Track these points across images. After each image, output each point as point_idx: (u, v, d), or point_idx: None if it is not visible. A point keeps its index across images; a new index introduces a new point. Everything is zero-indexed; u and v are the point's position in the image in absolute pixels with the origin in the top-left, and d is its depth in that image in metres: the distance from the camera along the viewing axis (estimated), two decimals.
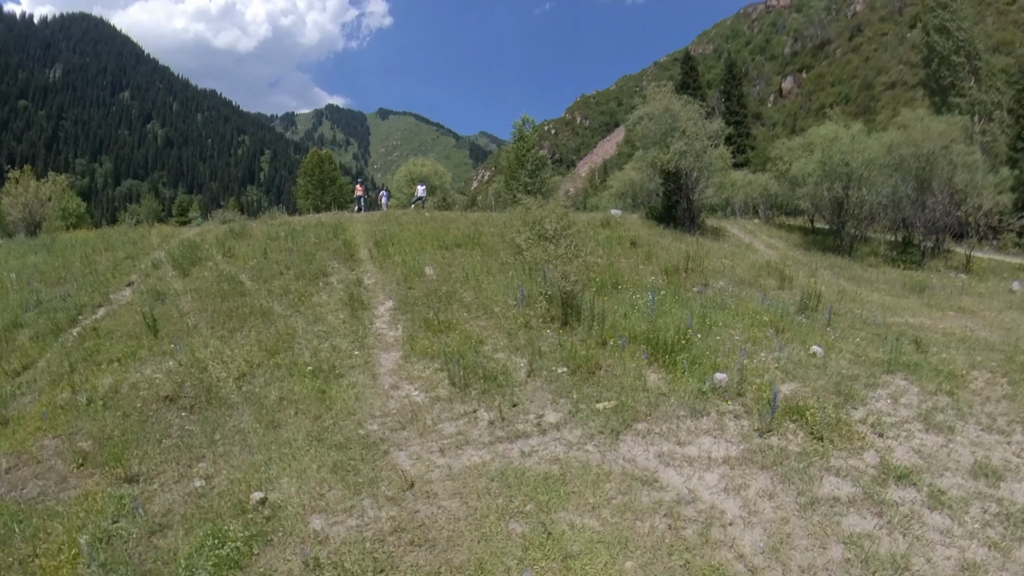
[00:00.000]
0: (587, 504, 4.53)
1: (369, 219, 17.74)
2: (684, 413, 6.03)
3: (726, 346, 7.77)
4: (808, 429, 5.65)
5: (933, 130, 21.82)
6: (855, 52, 76.46)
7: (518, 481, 4.85)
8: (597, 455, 5.33)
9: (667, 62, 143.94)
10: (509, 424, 5.84)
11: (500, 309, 9.27)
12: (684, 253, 14.05)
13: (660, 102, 23.27)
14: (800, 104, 78.50)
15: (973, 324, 11.00)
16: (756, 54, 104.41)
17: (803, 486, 4.78)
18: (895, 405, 6.55)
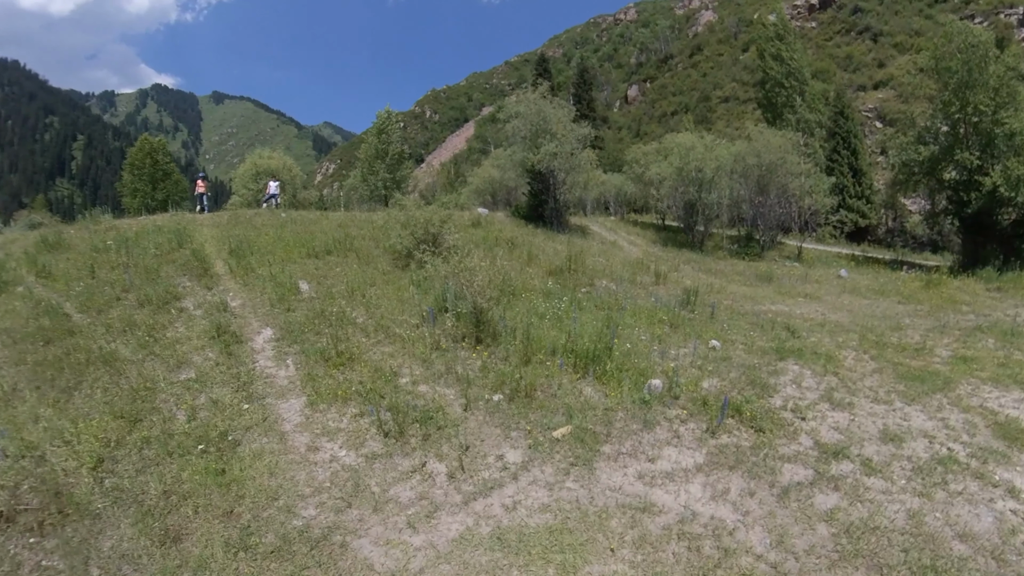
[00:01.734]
0: (606, 549, 4.46)
1: (216, 222, 16.07)
2: (638, 427, 6.26)
3: (639, 348, 8.27)
4: (748, 424, 6.32)
5: (773, 143, 26.07)
6: (695, 68, 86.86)
7: (522, 544, 4.49)
8: (583, 492, 5.23)
9: (518, 62, 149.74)
10: (472, 474, 5.46)
11: (403, 330, 8.72)
12: (563, 254, 14.72)
13: (533, 103, 23.99)
14: (644, 111, 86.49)
15: (822, 308, 13.16)
16: (604, 61, 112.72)
17: (770, 478, 5.38)
18: (800, 389, 7.54)
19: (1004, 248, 21.16)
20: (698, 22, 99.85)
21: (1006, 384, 7.85)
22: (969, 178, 22.05)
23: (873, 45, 64.93)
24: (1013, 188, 20.22)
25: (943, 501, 5.06)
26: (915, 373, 8.17)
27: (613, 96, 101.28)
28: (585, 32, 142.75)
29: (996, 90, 21.15)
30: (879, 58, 61.89)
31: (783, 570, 4.17)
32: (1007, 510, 4.92)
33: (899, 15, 66.72)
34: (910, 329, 10.79)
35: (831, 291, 16.05)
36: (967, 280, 17.66)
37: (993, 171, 20.94)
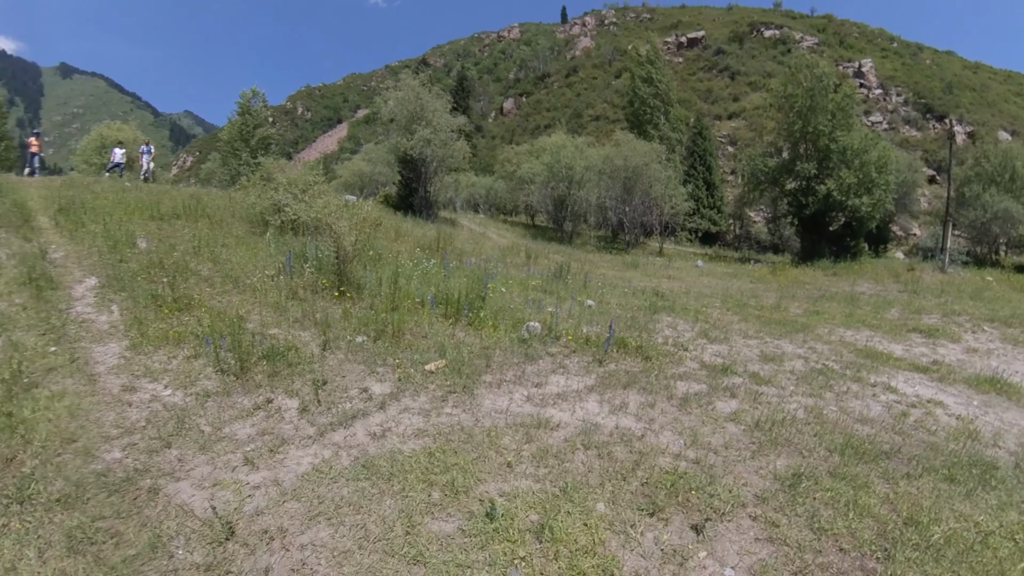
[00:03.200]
0: (501, 465, 3.77)
1: (47, 184, 14.10)
2: (519, 360, 5.83)
3: (514, 304, 8.00)
4: (635, 354, 6.20)
5: (639, 149, 27.76)
6: (569, 87, 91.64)
7: (395, 469, 3.68)
8: (466, 416, 4.57)
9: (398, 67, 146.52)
10: (330, 407, 4.65)
11: (256, 281, 7.67)
12: (432, 235, 14.37)
13: (412, 89, 23.38)
14: (518, 123, 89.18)
15: (685, 284, 14.12)
16: (484, 74, 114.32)
17: (667, 392, 5.20)
18: (677, 331, 7.79)
19: (835, 245, 25.17)
20: (576, 47, 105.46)
21: (856, 327, 9.10)
22: (807, 186, 25.91)
23: (730, 82, 74.14)
24: (844, 194, 24.22)
25: (833, 399, 5.46)
26: (776, 321, 9.07)
27: (489, 107, 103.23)
28: (468, 45, 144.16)
29: (833, 114, 25.38)
30: (735, 93, 70.67)
31: (706, 464, 3.85)
32: (891, 400, 5.53)
33: (755, 59, 77.45)
34: (764, 297, 11.95)
35: (691, 275, 17.42)
36: (806, 268, 20.55)
37: (828, 180, 24.72)
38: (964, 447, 4.45)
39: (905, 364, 6.96)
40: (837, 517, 3.25)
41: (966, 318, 10.33)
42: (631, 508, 3.25)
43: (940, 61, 77.00)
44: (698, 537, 3.02)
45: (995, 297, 13.61)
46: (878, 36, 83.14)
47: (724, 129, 61.01)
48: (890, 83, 67.22)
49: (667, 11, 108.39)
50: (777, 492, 3.49)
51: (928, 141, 56.23)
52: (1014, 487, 3.83)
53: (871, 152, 24.44)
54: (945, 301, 12.30)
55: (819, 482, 3.62)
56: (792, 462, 3.91)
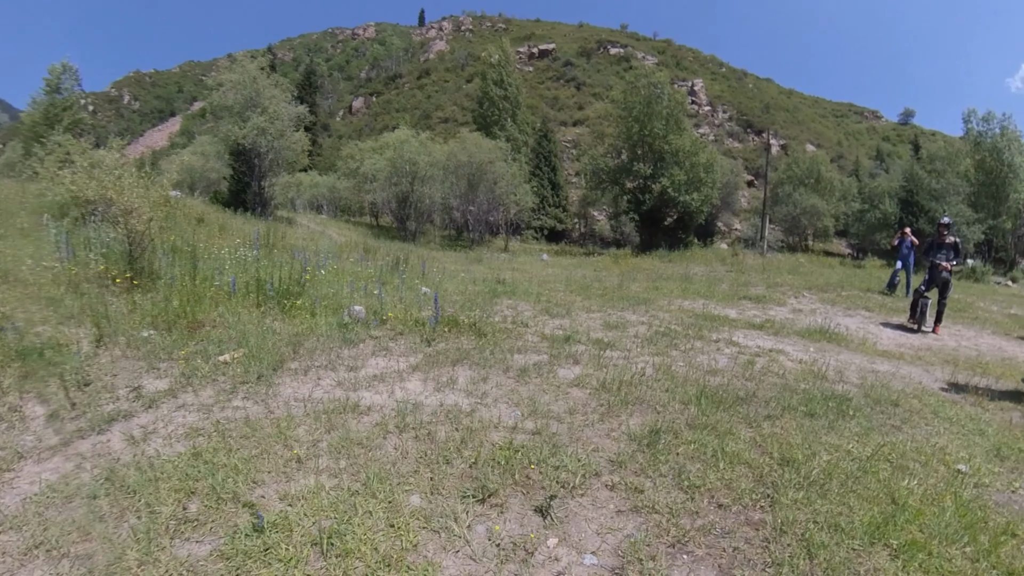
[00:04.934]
0: (288, 461, 2.86)
1: None
2: (336, 344, 4.98)
3: (340, 292, 7.15)
4: (468, 331, 5.64)
5: (484, 146, 27.56)
6: (420, 89, 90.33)
7: (147, 479, 2.78)
8: (257, 407, 3.60)
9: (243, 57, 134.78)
10: (87, 410, 3.64)
11: (28, 274, 6.37)
12: (263, 231, 12.86)
13: (249, 72, 20.98)
14: (366, 123, 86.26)
15: (529, 275, 13.87)
16: (335, 71, 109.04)
17: (503, 366, 4.63)
18: (517, 311, 7.35)
19: (670, 238, 27.45)
20: (431, 50, 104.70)
21: (692, 297, 9.47)
22: (645, 184, 28.01)
23: (576, 92, 78.53)
24: (677, 191, 26.53)
25: (680, 356, 5.33)
26: (619, 297, 9.11)
27: (338, 105, 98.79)
28: (321, 41, 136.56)
29: (667, 119, 27.46)
30: (580, 102, 74.98)
31: (548, 433, 3.22)
32: (735, 353, 5.50)
33: (599, 72, 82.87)
34: (607, 281, 12.19)
35: (535, 268, 17.54)
36: (645, 257, 21.92)
37: (662, 179, 26.90)
38: (814, 385, 4.45)
39: (741, 323, 7.21)
40: (707, 470, 2.80)
41: (788, 287, 11.43)
42: (455, 497, 2.47)
43: (760, 86, 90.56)
44: (544, 521, 2.33)
45: (809, 272, 15.56)
46: (710, 61, 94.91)
47: (569, 135, 64.18)
48: (718, 102, 76.92)
49: (522, 23, 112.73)
50: (635, 453, 2.94)
51: (748, 151, 65.20)
52: (870, 414, 3.84)
53: (700, 154, 27.27)
54: (767, 276, 13.59)
55: (679, 436, 3.18)
56: (646, 419, 3.46)
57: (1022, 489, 3.06)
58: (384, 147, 28.34)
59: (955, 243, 8.75)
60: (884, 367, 5.56)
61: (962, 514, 2.60)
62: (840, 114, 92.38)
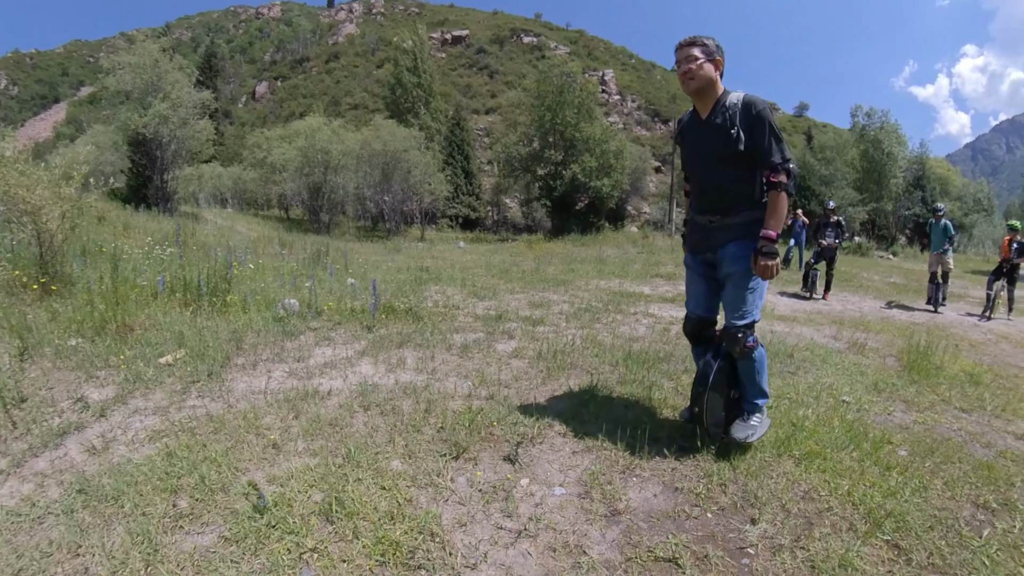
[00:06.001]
0: (266, 447, 2.97)
1: None
2: (276, 338, 5.07)
3: (267, 288, 7.17)
4: (405, 317, 5.91)
5: (399, 135, 27.31)
6: (329, 74, 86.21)
7: (125, 483, 2.67)
8: (215, 404, 3.62)
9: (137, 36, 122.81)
10: (31, 427, 3.36)
11: None
12: (169, 228, 12.38)
13: (150, 54, 19.50)
14: (271, 109, 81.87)
15: (449, 262, 14.21)
16: (236, 53, 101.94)
17: (444, 344, 4.97)
18: (446, 296, 7.74)
19: (581, 223, 28.82)
20: (340, 32, 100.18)
21: (608, 277, 10.28)
22: (556, 171, 29.33)
23: (489, 80, 78.66)
24: (587, 176, 27.94)
25: (603, 328, 5.93)
26: (538, 279, 9.77)
27: (240, 91, 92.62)
28: (222, 20, 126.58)
29: (578, 108, 28.76)
30: (492, 90, 75.10)
31: (500, 397, 3.60)
32: (651, 323, 6.21)
33: (512, 60, 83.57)
34: (524, 265, 12.76)
35: (454, 255, 17.82)
36: (558, 242, 22.90)
37: (573, 165, 28.17)
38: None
39: (655, 298, 7.99)
40: (640, 414, 3.29)
41: None
42: (432, 457, 2.77)
43: (668, 77, 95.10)
44: (514, 467, 2.70)
45: None
46: (620, 52, 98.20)
47: (481, 123, 64.31)
48: (627, 91, 79.62)
49: (436, 8, 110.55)
50: (577, 407, 3.40)
51: (655, 139, 68.37)
52: (770, 364, 4.55)
53: (610, 142, 28.65)
54: (676, 256, 14.70)
55: (613, 391, 3.69)
56: (582, 381, 3.95)
57: (895, 413, 3.82)
58: (294, 135, 27.25)
59: (839, 222, 10.06)
60: (781, 328, 6.47)
61: (847, 430, 3.27)
62: None
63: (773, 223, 2.59)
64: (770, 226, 2.58)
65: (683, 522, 2.33)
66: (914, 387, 4.40)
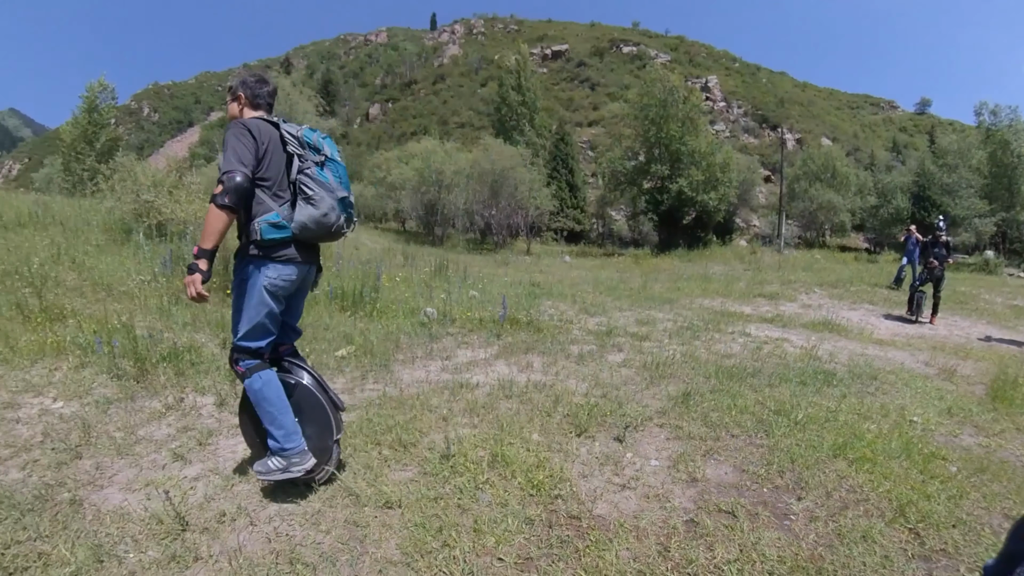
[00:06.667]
0: (439, 419, 4.02)
1: None
2: (424, 340, 6.18)
3: (404, 296, 8.38)
4: (527, 328, 6.88)
5: (506, 153, 28.99)
6: (436, 95, 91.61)
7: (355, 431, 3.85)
8: (390, 388, 4.72)
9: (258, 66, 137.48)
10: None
11: (130, 287, 7.27)
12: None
13: (283, 88, 22.48)
14: (384, 130, 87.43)
15: (557, 277, 15.06)
16: (349, 78, 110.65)
17: (563, 353, 5.87)
18: (559, 310, 8.61)
19: (688, 237, 28.69)
20: (444, 54, 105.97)
21: (711, 296, 10.63)
22: (662, 185, 29.11)
23: (591, 93, 79.83)
24: (694, 191, 27.64)
25: (701, 345, 6.55)
26: (645, 297, 10.32)
27: (355, 113, 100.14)
28: (333, 47, 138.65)
29: (683, 121, 28.56)
30: (595, 103, 76.02)
31: (612, 397, 4.45)
32: (747, 341, 6.73)
33: (613, 72, 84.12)
34: (631, 282, 13.29)
35: (560, 269, 18.71)
36: (665, 257, 23.09)
37: (680, 179, 27.92)
38: (809, 364, 5.63)
39: (754, 318, 8.45)
40: (724, 416, 4.03)
41: (800, 285, 12.56)
42: (561, 433, 3.72)
43: (774, 80, 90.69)
44: (622, 445, 3.58)
45: (823, 269, 16.67)
46: (723, 57, 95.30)
47: (585, 135, 65.21)
48: (732, 97, 77.39)
49: (534, 24, 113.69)
50: (673, 407, 4.22)
51: (764, 147, 65.68)
52: (849, 384, 5.00)
53: (716, 154, 28.26)
54: (783, 274, 14.75)
55: (703, 397, 4.42)
56: (679, 388, 4.68)
57: (962, 436, 4.10)
58: (410, 157, 29.82)
59: (947, 242, 9.90)
60: (873, 352, 6.68)
61: (904, 444, 3.70)
62: (855, 106, 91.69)
63: (201, 238, 2.49)
64: (200, 241, 2.49)
65: (744, 491, 3.08)
66: (991, 414, 4.57)
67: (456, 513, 2.81)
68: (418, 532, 2.64)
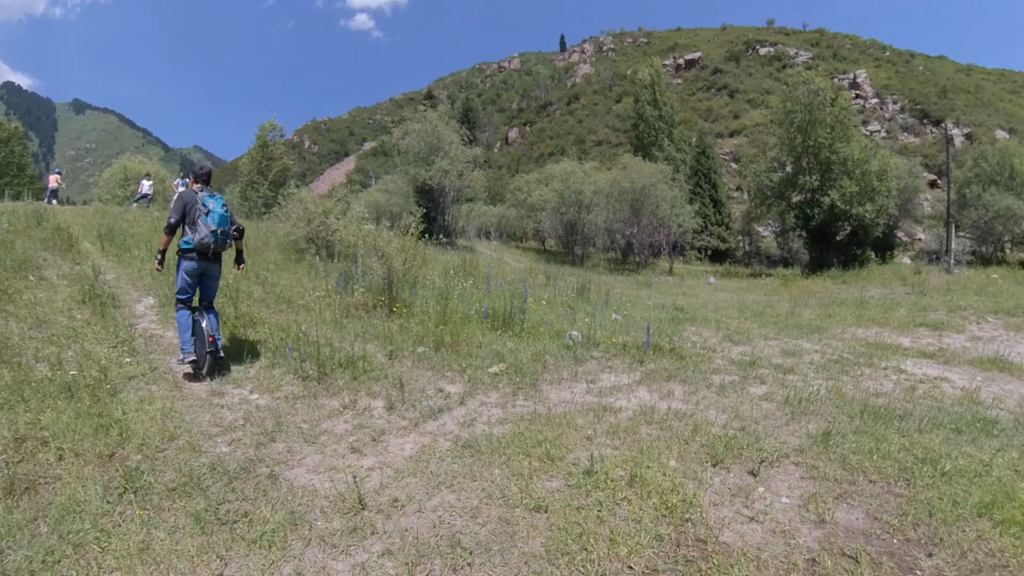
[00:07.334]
0: (583, 439, 4.45)
1: (80, 212, 14.84)
2: (570, 363, 6.57)
3: (548, 318, 8.81)
4: (670, 355, 7.00)
5: (645, 171, 28.73)
6: (572, 115, 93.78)
7: (493, 447, 4.26)
8: (539, 406, 5.21)
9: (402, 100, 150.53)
10: (413, 405, 5.16)
11: (307, 302, 8.50)
12: (455, 261, 15.13)
13: (430, 121, 24.42)
14: (523, 152, 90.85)
15: (701, 300, 14.81)
16: (487, 104, 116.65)
17: (705, 382, 5.99)
18: (703, 337, 8.53)
19: (843, 254, 26.02)
20: (576, 74, 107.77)
21: (866, 325, 9.87)
22: (812, 198, 26.83)
23: (730, 100, 76.51)
24: (847, 203, 25.07)
25: (850, 380, 6.20)
26: (792, 325, 9.84)
27: (494, 137, 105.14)
28: (470, 77, 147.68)
29: (832, 127, 26.30)
30: (734, 111, 72.86)
31: (750, 431, 4.56)
32: (900, 379, 6.29)
33: (752, 76, 79.87)
34: (779, 307, 12.67)
35: (704, 292, 18.16)
36: (817, 279, 21.24)
37: (831, 191, 25.53)
38: (967, 409, 5.17)
39: (913, 352, 7.72)
40: (864, 460, 3.99)
41: (971, 312, 11.06)
42: (697, 462, 4.00)
43: (933, 66, 78.31)
44: (755, 479, 3.78)
45: (999, 291, 14.38)
46: (870, 46, 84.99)
47: (726, 146, 62.37)
48: (885, 92, 68.90)
49: (663, 34, 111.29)
50: (811, 446, 4.25)
51: (927, 146, 57.60)
52: (1013, 435, 4.54)
53: (871, 161, 25.50)
54: (951, 299, 13.02)
55: (845, 437, 4.37)
56: (820, 426, 4.65)
57: None
58: (549, 178, 30.87)
59: None
60: None
61: None
62: None
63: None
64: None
65: (872, 539, 3.11)
66: None
67: (595, 523, 3.26)
68: (561, 535, 3.14)
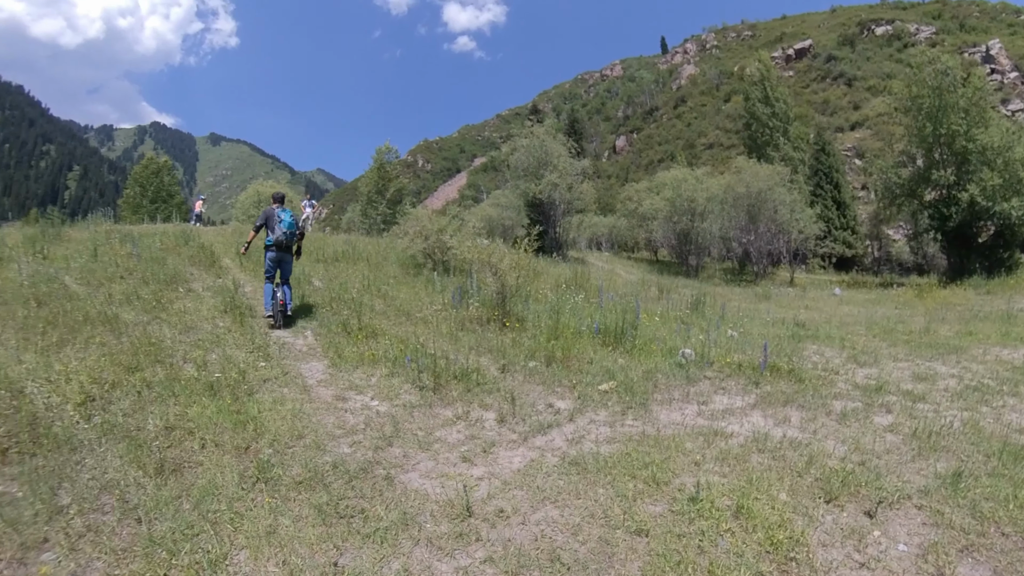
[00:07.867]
0: (690, 464, 4.39)
1: (220, 232, 16.38)
2: (681, 382, 6.48)
3: (661, 334, 8.61)
4: (788, 377, 6.65)
5: (761, 174, 27.03)
6: (679, 118, 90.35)
7: (599, 466, 4.26)
8: (648, 427, 5.17)
9: (508, 115, 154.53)
10: (523, 419, 5.28)
11: (425, 315, 8.91)
12: (568, 274, 15.18)
13: (537, 137, 24.91)
14: (632, 160, 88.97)
15: (825, 314, 13.73)
16: (593, 114, 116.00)
17: (824, 409, 5.66)
18: (825, 358, 8.03)
19: (986, 259, 22.63)
20: (681, 76, 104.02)
21: (1014, 345, 8.73)
22: (948, 195, 23.47)
23: (848, 89, 69.06)
24: (990, 198, 21.69)
25: (990, 412, 5.60)
26: (926, 344, 8.91)
27: (602, 147, 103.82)
28: (573, 88, 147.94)
29: (966, 111, 22.72)
30: (854, 101, 65.68)
31: (871, 465, 4.32)
32: None
33: (870, 60, 71.62)
34: (912, 322, 11.53)
35: (829, 305, 16.75)
36: (956, 288, 18.76)
37: (970, 186, 22.24)
38: None
39: None
40: (998, 508, 3.62)
41: None
42: (809, 497, 3.88)
43: None
44: (871, 520, 3.60)
45: None
46: (1001, 11, 73.45)
47: (848, 141, 57.10)
48: None
49: (768, 25, 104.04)
50: (939, 488, 3.93)
51: None
52: None
53: (1016, 148, 21.88)
54: None
55: (978, 480, 4.00)
56: (951, 464, 4.28)
57: None
58: (660, 186, 30.26)
59: None
60: None
61: None
62: None
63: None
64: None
65: None
66: None
67: (695, 552, 3.28)
68: (659, 561, 3.21)
